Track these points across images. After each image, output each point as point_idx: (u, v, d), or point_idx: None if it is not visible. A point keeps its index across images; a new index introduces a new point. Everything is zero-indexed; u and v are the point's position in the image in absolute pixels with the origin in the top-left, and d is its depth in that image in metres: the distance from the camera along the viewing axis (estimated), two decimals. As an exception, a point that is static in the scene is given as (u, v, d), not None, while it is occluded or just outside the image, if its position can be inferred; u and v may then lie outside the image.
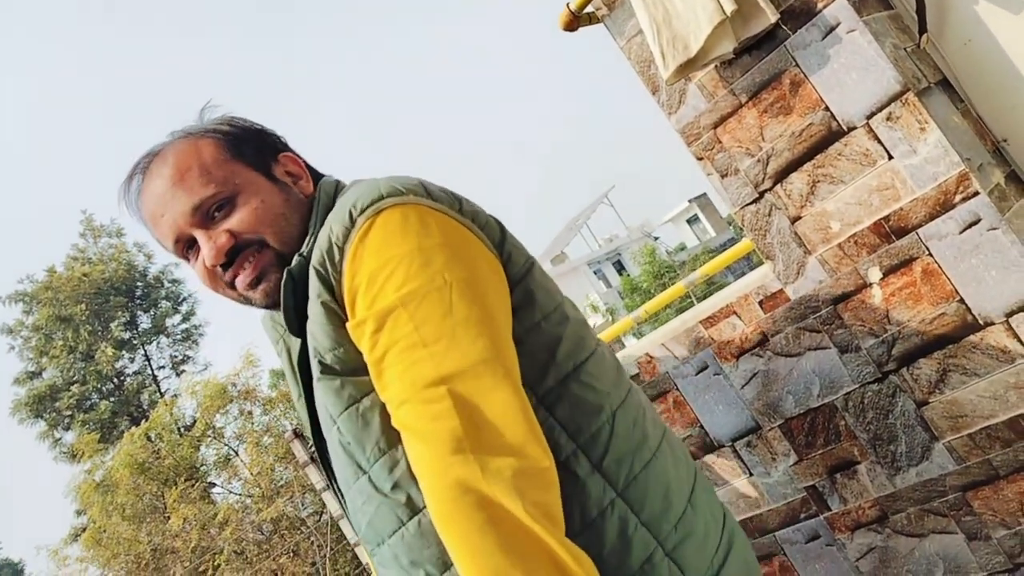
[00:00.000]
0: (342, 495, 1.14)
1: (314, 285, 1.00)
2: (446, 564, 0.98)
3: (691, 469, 1.15)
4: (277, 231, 1.07)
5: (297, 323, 1.05)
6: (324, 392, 1.02)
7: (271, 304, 1.11)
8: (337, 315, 0.98)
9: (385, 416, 0.98)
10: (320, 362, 1.01)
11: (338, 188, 1.13)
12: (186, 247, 1.11)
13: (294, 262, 1.03)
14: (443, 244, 0.96)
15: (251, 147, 1.13)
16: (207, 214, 1.07)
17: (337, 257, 0.98)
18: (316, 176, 1.19)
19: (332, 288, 0.98)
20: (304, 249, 1.04)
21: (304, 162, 1.19)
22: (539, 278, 1.08)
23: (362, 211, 0.98)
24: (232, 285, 1.09)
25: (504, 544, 0.84)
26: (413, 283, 0.93)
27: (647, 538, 1.00)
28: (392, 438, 0.98)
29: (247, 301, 1.12)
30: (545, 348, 1.03)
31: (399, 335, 0.92)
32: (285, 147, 1.18)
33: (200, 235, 1.07)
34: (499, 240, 1.06)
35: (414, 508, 0.98)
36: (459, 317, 0.92)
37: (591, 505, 0.99)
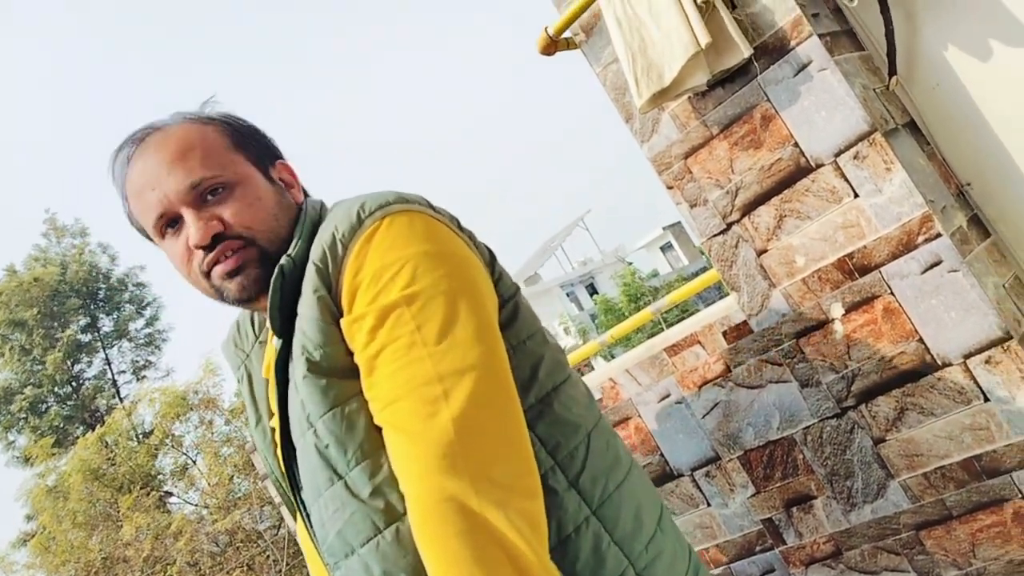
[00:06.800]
0: (305, 508, 1.10)
1: (311, 280, 1.00)
2: (421, 575, 0.95)
3: (657, 496, 1.17)
4: (266, 230, 1.08)
5: (281, 323, 1.04)
6: (308, 391, 1.00)
7: (244, 299, 1.09)
8: (331, 312, 0.98)
9: (371, 420, 0.96)
10: (308, 359, 0.99)
11: (323, 207, 1.15)
12: (167, 225, 1.09)
13: (283, 261, 1.03)
14: (447, 253, 0.98)
15: (253, 144, 1.14)
16: (201, 195, 1.06)
17: (340, 253, 0.98)
18: (304, 192, 1.21)
19: (330, 284, 0.99)
20: (292, 251, 1.04)
21: (296, 174, 1.21)
22: (524, 300, 1.12)
23: (370, 213, 0.99)
24: (207, 275, 1.07)
25: (480, 556, 0.83)
26: (418, 284, 0.94)
27: (619, 556, 1.01)
28: (376, 443, 0.96)
29: (219, 293, 1.09)
30: (529, 366, 1.05)
31: (400, 332, 0.92)
32: (281, 155, 1.20)
33: (189, 214, 1.06)
34: (489, 261, 1.09)
35: (393, 515, 0.96)
36: (461, 323, 0.93)
37: (567, 521, 1.00)
